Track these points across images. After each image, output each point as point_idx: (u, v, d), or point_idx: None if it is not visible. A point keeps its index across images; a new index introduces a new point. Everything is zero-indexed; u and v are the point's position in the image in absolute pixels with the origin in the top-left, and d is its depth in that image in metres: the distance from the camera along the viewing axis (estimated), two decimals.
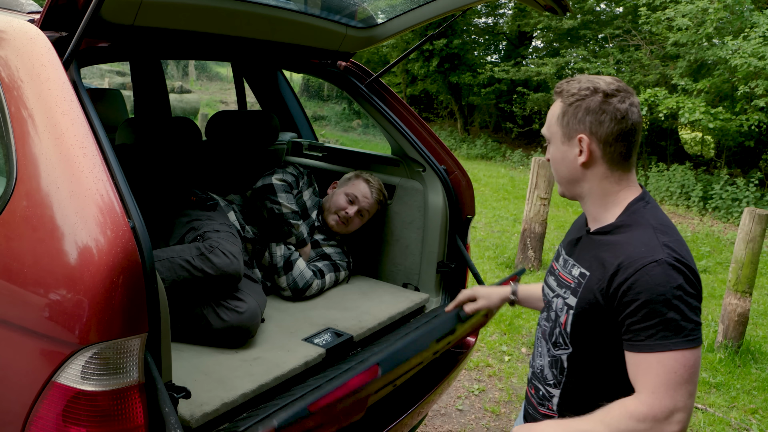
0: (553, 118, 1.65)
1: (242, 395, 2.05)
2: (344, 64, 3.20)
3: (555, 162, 1.68)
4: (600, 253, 1.60)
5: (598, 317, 1.57)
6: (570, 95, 1.61)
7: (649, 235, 1.53)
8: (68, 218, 1.55)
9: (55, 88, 1.70)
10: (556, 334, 1.70)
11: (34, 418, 1.59)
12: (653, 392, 1.45)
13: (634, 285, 1.47)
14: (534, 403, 1.82)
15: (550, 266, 1.85)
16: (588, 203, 1.68)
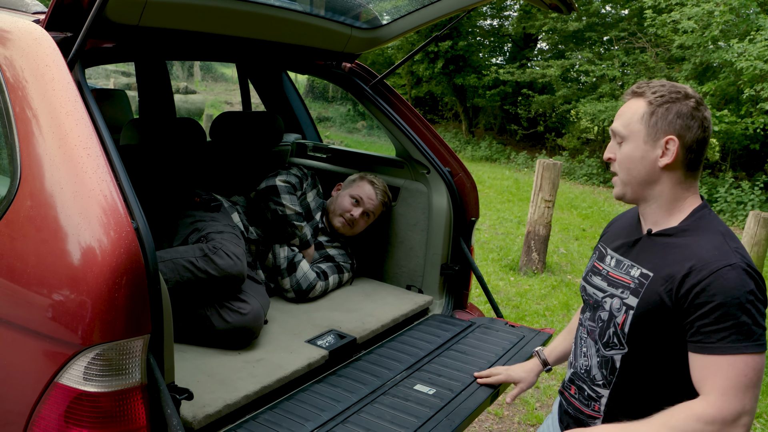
0: (635, 116, 1.64)
1: (245, 397, 2.04)
2: (349, 65, 3.20)
3: (630, 161, 1.65)
4: (666, 255, 1.61)
5: (661, 318, 1.57)
6: (658, 96, 1.61)
7: (720, 240, 1.56)
8: (72, 219, 1.55)
9: (59, 89, 1.70)
10: (610, 335, 1.69)
11: (36, 419, 1.59)
12: (723, 395, 1.45)
13: (709, 287, 1.48)
14: (576, 404, 1.82)
15: (593, 266, 1.85)
16: (653, 206, 1.68)
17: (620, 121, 1.68)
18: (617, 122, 1.68)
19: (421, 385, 2.28)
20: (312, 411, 2.06)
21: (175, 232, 2.56)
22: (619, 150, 1.68)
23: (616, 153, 1.69)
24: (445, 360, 2.49)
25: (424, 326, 2.83)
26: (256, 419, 2.00)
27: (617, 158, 1.69)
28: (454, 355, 2.55)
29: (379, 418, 2.04)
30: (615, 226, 1.90)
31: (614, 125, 1.69)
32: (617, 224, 1.89)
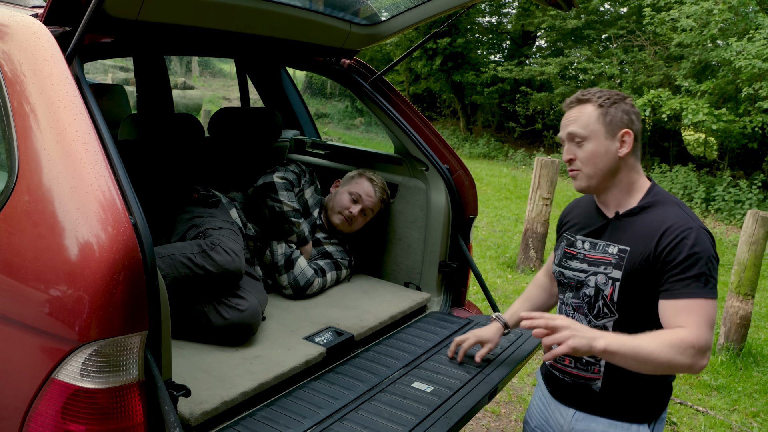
0: (591, 118, 1.89)
1: (242, 393, 2.04)
2: (348, 61, 3.19)
3: (595, 156, 1.90)
4: (637, 230, 1.89)
5: (642, 282, 1.84)
6: (605, 99, 1.90)
7: (678, 210, 1.87)
8: (69, 214, 1.55)
9: (57, 83, 1.69)
10: (599, 306, 1.93)
11: (33, 414, 1.59)
12: (697, 328, 1.73)
13: (678, 245, 1.78)
14: (573, 372, 2.01)
15: (564, 252, 2.08)
16: (614, 192, 1.95)
17: (577, 125, 1.91)
18: (574, 126, 1.91)
19: (419, 382, 2.28)
20: (310, 408, 2.05)
21: (173, 228, 2.55)
22: (580, 150, 1.92)
23: (576, 153, 1.93)
24: (443, 358, 2.49)
25: (422, 324, 2.83)
26: (253, 416, 1.99)
27: (579, 157, 1.92)
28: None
29: (377, 415, 2.04)
30: (573, 216, 2.14)
31: (571, 129, 1.92)
32: (575, 214, 2.13)
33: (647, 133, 13.79)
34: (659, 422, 1.96)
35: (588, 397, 1.98)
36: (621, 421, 1.93)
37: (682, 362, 1.70)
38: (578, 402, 2.01)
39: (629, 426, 1.93)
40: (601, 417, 1.96)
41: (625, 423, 1.93)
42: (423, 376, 2.33)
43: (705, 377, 4.63)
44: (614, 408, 1.94)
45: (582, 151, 1.91)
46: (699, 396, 4.39)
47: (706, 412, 4.15)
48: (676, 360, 1.70)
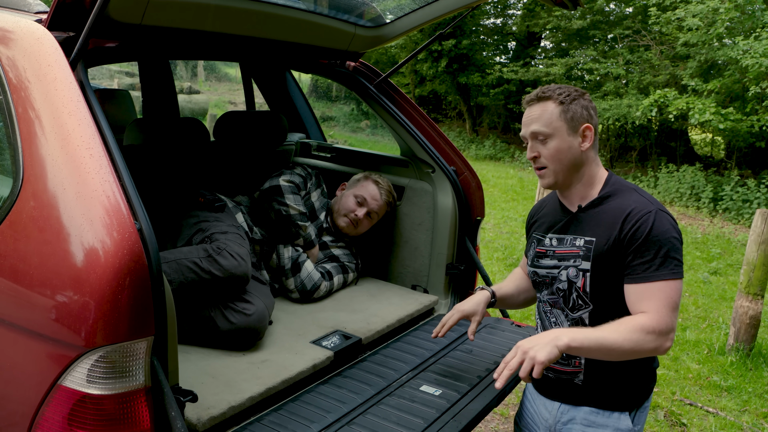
0: (552, 115, 1.94)
1: (249, 398, 2.03)
2: (353, 64, 3.18)
3: (560, 153, 1.94)
4: (600, 220, 1.94)
5: (611, 269, 1.88)
6: (565, 96, 1.94)
7: (636, 196, 1.94)
8: (75, 220, 1.54)
9: (62, 89, 1.69)
10: (573, 299, 1.97)
11: (40, 421, 1.58)
12: (658, 311, 1.78)
13: (639, 229, 1.83)
14: (555, 368, 2.03)
15: (536, 252, 2.11)
16: (578, 186, 2.01)
17: (539, 123, 1.95)
18: (536, 125, 1.95)
19: (427, 386, 2.26)
20: (317, 412, 2.04)
21: (179, 233, 2.55)
22: (544, 147, 1.96)
23: (540, 151, 1.97)
24: (451, 360, 2.48)
25: (430, 326, 2.81)
26: (260, 421, 1.98)
27: (544, 154, 1.96)
28: (460, 355, 2.53)
29: (385, 419, 2.03)
30: (539, 216, 2.18)
31: (534, 128, 1.96)
32: (541, 214, 2.18)
33: (654, 133, 13.74)
34: (641, 410, 2.01)
35: (571, 390, 2.02)
36: (602, 409, 1.98)
37: (646, 347, 1.77)
38: (562, 395, 2.05)
39: (610, 414, 1.97)
40: (584, 405, 2.01)
41: (606, 411, 1.98)
42: (431, 379, 2.32)
43: (715, 378, 4.60)
44: (596, 397, 1.98)
45: (546, 149, 1.95)
46: (709, 397, 4.36)
47: (716, 413, 4.11)
48: (639, 346, 1.76)
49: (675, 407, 4.16)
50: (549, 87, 1.99)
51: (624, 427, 1.97)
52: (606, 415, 1.98)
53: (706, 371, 4.73)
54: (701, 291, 6.66)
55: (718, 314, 5.94)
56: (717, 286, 6.82)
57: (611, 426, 1.97)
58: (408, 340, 2.65)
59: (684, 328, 5.55)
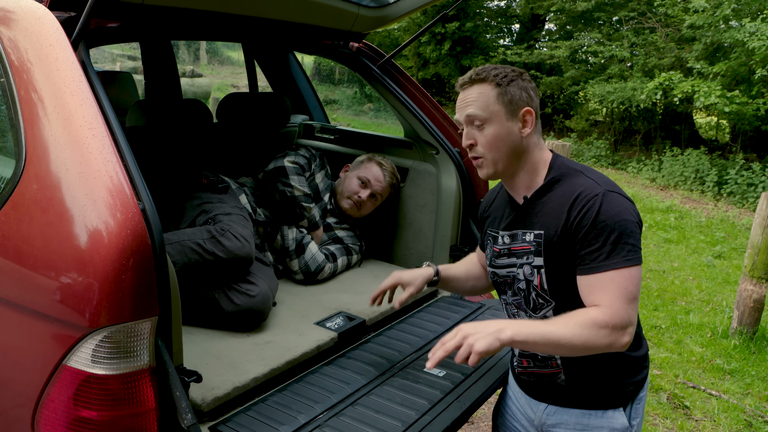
0: (489, 98, 1.77)
1: (254, 379, 2.03)
2: (356, 45, 3.16)
3: (498, 139, 1.78)
4: (547, 210, 1.79)
5: (564, 262, 1.74)
6: (501, 77, 1.78)
7: (582, 178, 1.77)
8: (78, 200, 1.53)
9: (63, 69, 1.68)
10: (533, 298, 1.84)
11: (45, 401, 1.59)
12: (611, 305, 1.63)
13: (585, 215, 1.68)
14: (534, 371, 1.93)
15: (492, 251, 1.96)
16: (522, 174, 1.85)
17: (475, 107, 1.78)
18: (471, 108, 1.79)
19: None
20: (321, 393, 2.04)
21: (182, 214, 2.54)
22: (481, 133, 1.80)
23: (476, 138, 1.80)
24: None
25: (434, 308, 2.82)
26: (265, 401, 1.99)
27: (481, 142, 1.80)
28: None
29: (389, 400, 2.03)
30: (491, 210, 2.04)
31: (469, 111, 1.79)
32: (492, 208, 2.03)
33: (658, 116, 13.66)
34: (636, 402, 1.88)
35: (556, 390, 1.90)
36: (593, 409, 1.86)
37: (599, 343, 1.63)
38: (548, 396, 1.93)
39: (603, 413, 1.85)
40: (573, 408, 1.88)
41: (599, 411, 1.86)
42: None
43: (718, 361, 4.60)
44: (584, 398, 1.86)
45: (483, 135, 1.79)
46: (712, 380, 4.37)
47: (719, 396, 4.12)
48: (591, 342, 1.62)
49: (678, 390, 4.17)
50: (485, 68, 1.81)
51: (620, 426, 1.85)
52: (599, 415, 1.85)
53: (710, 354, 4.73)
54: (705, 275, 6.66)
55: (722, 298, 5.94)
56: (721, 270, 6.81)
57: (606, 426, 1.85)
58: (412, 322, 2.65)
59: (687, 311, 5.56)
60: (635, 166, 12.41)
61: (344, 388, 2.08)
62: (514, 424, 2.09)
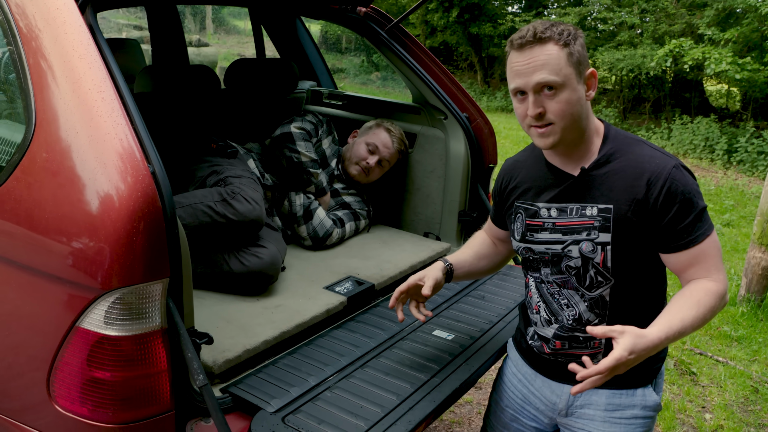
0: (561, 61, 1.59)
1: (264, 342, 2.05)
2: (364, 9, 3.13)
3: (572, 105, 1.62)
4: (611, 183, 1.68)
5: (637, 239, 1.67)
6: (566, 36, 1.60)
7: (648, 149, 1.70)
8: (87, 163, 1.55)
9: (71, 32, 1.67)
10: (591, 276, 1.72)
11: (59, 363, 1.62)
12: (719, 270, 1.66)
13: (670, 190, 1.62)
14: (569, 353, 1.80)
15: (527, 225, 1.80)
16: (581, 143, 1.71)
17: (547, 70, 1.59)
18: (542, 73, 1.59)
19: (439, 330, 2.28)
20: (331, 356, 2.07)
21: (192, 179, 2.55)
22: (552, 100, 1.61)
23: (547, 105, 1.62)
24: (464, 306, 2.49)
25: None
26: (275, 364, 2.01)
27: (553, 109, 1.61)
28: (472, 301, 2.54)
29: (399, 362, 2.05)
30: (519, 180, 1.87)
31: (541, 77, 1.59)
32: (521, 178, 1.86)
33: (668, 84, 13.53)
34: (659, 377, 1.87)
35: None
36: (623, 389, 1.80)
37: (718, 310, 1.65)
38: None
39: (633, 392, 1.81)
40: (602, 389, 1.79)
41: (629, 390, 1.81)
42: (444, 324, 2.34)
43: (725, 328, 4.62)
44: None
45: (556, 102, 1.61)
46: (719, 347, 4.39)
47: (726, 363, 4.14)
48: (714, 313, 1.64)
49: (685, 356, 4.20)
50: (542, 24, 1.62)
51: (651, 402, 1.82)
52: (629, 394, 1.81)
53: (717, 321, 4.74)
54: None
55: (730, 266, 5.94)
56: (729, 238, 6.80)
57: (638, 405, 1.81)
58: None
59: None
60: (644, 134, 12.32)
61: (354, 351, 2.10)
62: (526, 407, 1.98)
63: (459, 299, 2.55)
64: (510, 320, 2.39)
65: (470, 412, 3.52)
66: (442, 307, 2.48)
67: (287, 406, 1.79)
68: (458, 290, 2.63)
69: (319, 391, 1.88)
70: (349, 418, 1.76)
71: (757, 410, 3.67)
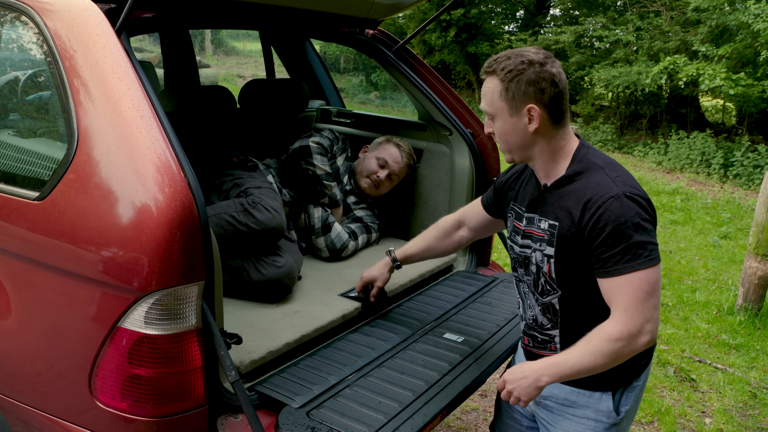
0: (494, 95, 1.78)
1: (286, 344, 2.18)
2: (371, 31, 3.27)
3: (504, 134, 1.82)
4: (563, 203, 1.79)
5: (575, 256, 1.77)
6: (507, 72, 1.74)
7: (601, 176, 1.76)
8: (128, 177, 1.66)
9: (110, 56, 1.80)
10: (542, 284, 1.88)
11: (101, 361, 1.73)
12: (625, 311, 1.68)
13: (600, 219, 1.69)
14: (534, 351, 2.01)
15: (513, 226, 2.01)
16: (539, 162, 1.86)
17: (485, 101, 1.82)
18: (483, 102, 1.83)
19: (450, 333, 2.40)
20: (349, 357, 2.19)
21: (216, 190, 2.68)
22: (494, 126, 1.84)
23: (492, 127, 1.85)
24: (472, 312, 2.62)
25: (450, 281, 2.95)
26: (297, 365, 2.13)
27: (495, 132, 1.85)
28: (479, 307, 2.67)
29: (413, 362, 2.17)
30: (517, 183, 2.06)
31: (481, 105, 1.83)
32: (520, 184, 2.05)
33: (664, 100, 13.70)
34: (629, 390, 1.93)
35: None
36: (582, 389, 1.91)
37: (623, 353, 1.69)
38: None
39: (591, 393, 1.90)
40: (565, 384, 1.93)
41: (587, 391, 1.91)
42: (453, 328, 2.46)
43: (723, 336, 4.72)
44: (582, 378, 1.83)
45: (495, 128, 1.84)
46: (718, 354, 4.49)
47: (725, 370, 4.24)
48: (616, 357, 1.69)
49: (684, 364, 4.30)
50: (501, 55, 1.79)
51: (605, 408, 1.90)
52: (587, 395, 1.91)
53: (715, 330, 4.85)
54: (711, 254, 6.76)
55: (728, 276, 6.04)
56: (727, 250, 6.91)
57: (591, 407, 1.91)
58: (429, 294, 2.79)
59: (694, 290, 5.66)
60: (641, 149, 12.49)
61: (370, 353, 2.23)
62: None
63: (467, 305, 2.68)
64: (515, 325, 2.52)
65: (476, 419, 3.62)
66: (450, 312, 2.61)
67: (311, 402, 1.91)
68: (465, 297, 2.75)
69: (339, 388, 2.00)
70: (369, 412, 1.88)
71: (755, 414, 3.77)
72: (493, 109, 1.80)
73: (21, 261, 1.86)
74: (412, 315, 2.56)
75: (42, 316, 1.84)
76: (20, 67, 2.16)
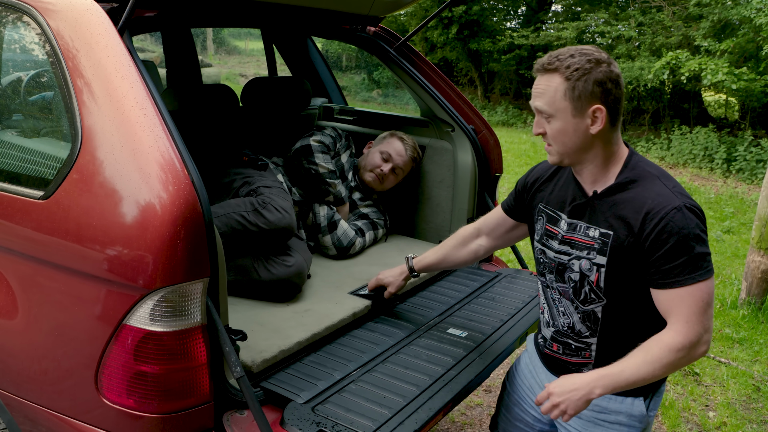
0: (557, 94, 1.69)
1: (297, 343, 2.18)
2: (373, 29, 3.28)
3: (562, 135, 1.73)
4: (618, 212, 1.74)
5: (629, 267, 1.73)
6: (574, 69, 1.67)
7: (660, 186, 1.71)
8: (132, 175, 1.67)
9: (113, 55, 1.80)
10: (586, 292, 1.82)
11: (107, 359, 1.74)
12: (687, 322, 1.66)
13: (663, 230, 1.64)
14: (562, 358, 1.96)
15: (546, 230, 1.93)
16: (590, 167, 1.78)
17: (543, 100, 1.72)
18: (539, 101, 1.73)
19: (453, 329, 2.41)
20: (353, 353, 2.20)
21: (226, 187, 2.69)
22: (548, 125, 1.74)
23: (545, 127, 1.75)
24: (475, 307, 2.62)
25: (454, 277, 2.96)
26: (302, 361, 2.14)
27: (549, 133, 1.75)
28: (483, 302, 2.68)
29: (417, 357, 2.18)
30: (550, 185, 1.98)
31: (537, 104, 1.74)
32: (550, 186, 1.97)
33: (666, 95, 13.68)
34: (657, 395, 1.92)
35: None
36: (615, 395, 1.85)
37: (681, 364, 1.68)
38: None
39: (623, 399, 1.87)
40: None
41: (620, 396, 1.87)
42: (457, 323, 2.47)
43: (727, 330, 4.72)
44: None
45: (550, 128, 1.74)
46: (721, 348, 4.49)
47: (728, 363, 4.24)
48: (674, 367, 1.67)
49: None
50: (561, 52, 1.71)
51: (637, 413, 1.87)
52: (619, 401, 1.87)
53: (719, 324, 4.84)
54: (714, 249, 6.75)
55: (731, 271, 6.04)
56: (730, 244, 6.91)
57: (624, 412, 1.88)
58: (434, 290, 2.80)
59: None
60: (644, 145, 12.47)
61: (374, 348, 2.24)
62: (529, 395, 2.12)
63: (470, 301, 2.68)
64: (519, 319, 2.53)
65: (481, 414, 3.63)
66: (454, 308, 2.61)
67: (316, 398, 1.92)
68: (469, 293, 2.76)
69: (344, 384, 2.01)
70: (374, 407, 1.89)
71: (759, 408, 3.78)
72: (553, 108, 1.71)
73: (27, 260, 1.88)
74: (416, 310, 2.57)
75: (48, 315, 1.85)
76: (23, 67, 2.17)
